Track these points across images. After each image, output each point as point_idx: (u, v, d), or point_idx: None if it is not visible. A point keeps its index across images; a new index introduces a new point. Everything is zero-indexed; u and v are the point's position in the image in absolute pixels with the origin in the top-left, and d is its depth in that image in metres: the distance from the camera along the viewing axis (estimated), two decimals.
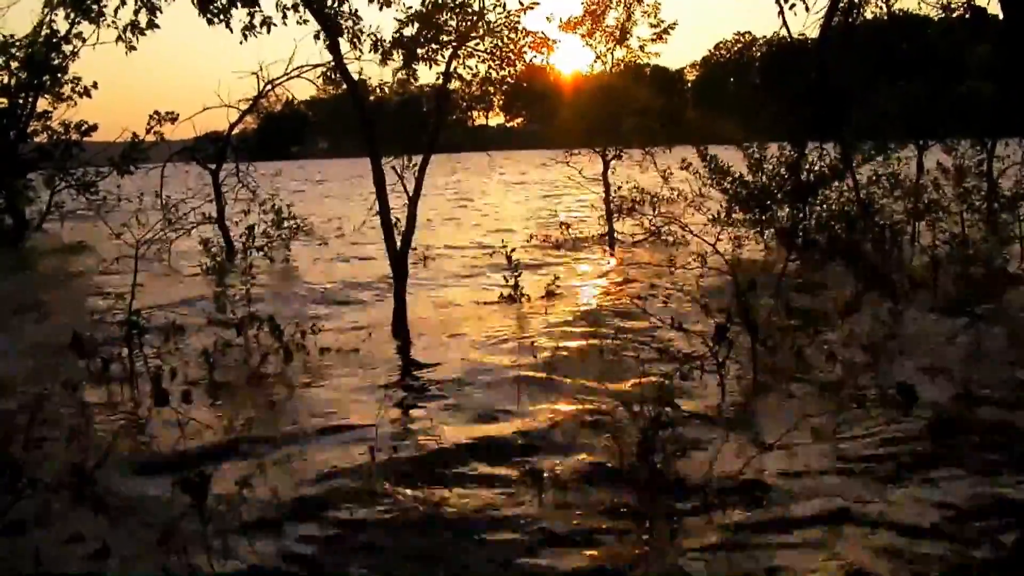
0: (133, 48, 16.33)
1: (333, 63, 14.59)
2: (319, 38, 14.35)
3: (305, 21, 14.90)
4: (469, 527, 6.77)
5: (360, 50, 14.58)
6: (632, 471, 7.56)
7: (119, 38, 16.03)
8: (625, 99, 26.92)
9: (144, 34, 15.64)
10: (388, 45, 14.67)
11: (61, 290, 20.69)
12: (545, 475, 7.70)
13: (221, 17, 14.42)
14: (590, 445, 8.51)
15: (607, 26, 26.36)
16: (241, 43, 14.85)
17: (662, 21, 26.37)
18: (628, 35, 26.54)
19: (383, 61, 14.88)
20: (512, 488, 7.51)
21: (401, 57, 14.73)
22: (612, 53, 26.86)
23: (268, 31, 14.63)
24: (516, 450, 8.46)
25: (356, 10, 14.45)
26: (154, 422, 9.67)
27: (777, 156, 20.29)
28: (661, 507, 6.98)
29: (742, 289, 11.52)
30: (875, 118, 22.76)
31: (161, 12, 15.26)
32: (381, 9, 14.59)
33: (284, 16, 14.58)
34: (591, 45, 26.77)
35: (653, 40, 26.77)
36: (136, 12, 15.19)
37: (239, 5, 14.33)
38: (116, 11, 15.93)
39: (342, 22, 14.32)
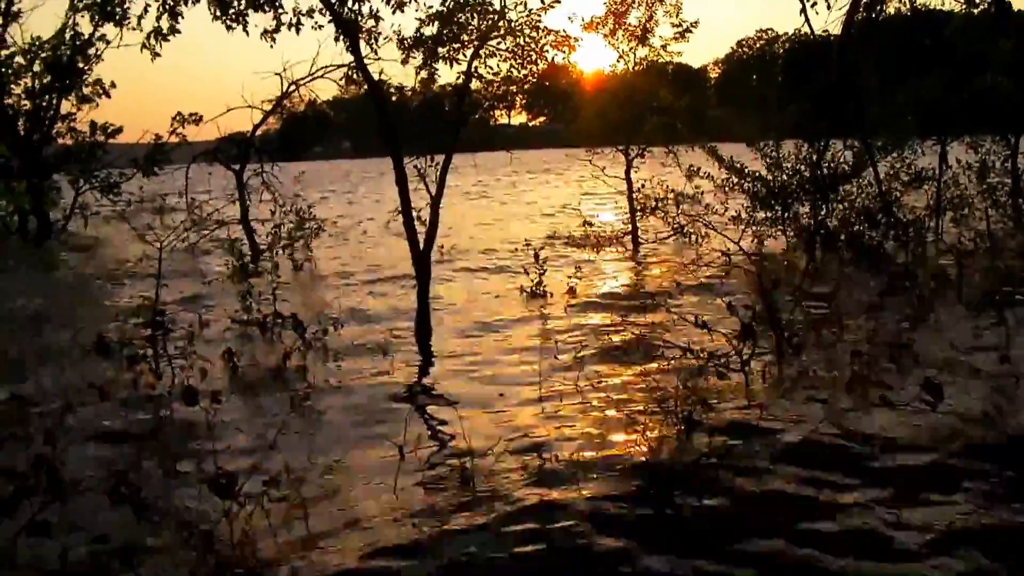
0: (158, 55, 16.41)
1: (355, 64, 14.62)
2: (339, 40, 14.39)
3: (320, 27, 14.97)
4: (495, 526, 6.76)
5: (375, 51, 14.59)
6: (660, 470, 7.54)
7: (144, 46, 16.08)
8: (647, 98, 26.87)
9: (167, 40, 15.71)
10: (409, 44, 14.71)
11: (86, 291, 20.82)
12: (576, 474, 7.69)
13: (238, 22, 14.50)
14: (620, 444, 8.49)
15: (629, 25, 26.32)
16: (271, 46, 14.94)
17: (684, 20, 26.33)
18: (650, 34, 26.49)
19: (404, 60, 14.93)
20: (540, 487, 7.50)
21: (422, 56, 14.76)
22: (634, 52, 26.83)
23: (297, 32, 14.70)
24: (542, 450, 8.44)
25: (376, 10, 14.48)
26: (182, 422, 9.72)
27: (795, 153, 20.26)
28: (688, 505, 6.96)
29: (767, 287, 11.50)
30: (897, 114, 22.64)
31: (183, 17, 15.33)
32: (394, 12, 14.64)
33: (299, 22, 14.63)
34: (613, 44, 26.74)
35: (675, 39, 26.74)
36: (158, 18, 15.27)
37: (254, 10, 14.40)
38: (140, 20, 15.95)
39: (361, 23, 14.35)
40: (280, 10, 14.48)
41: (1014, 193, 25.07)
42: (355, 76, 17.37)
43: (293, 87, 26.11)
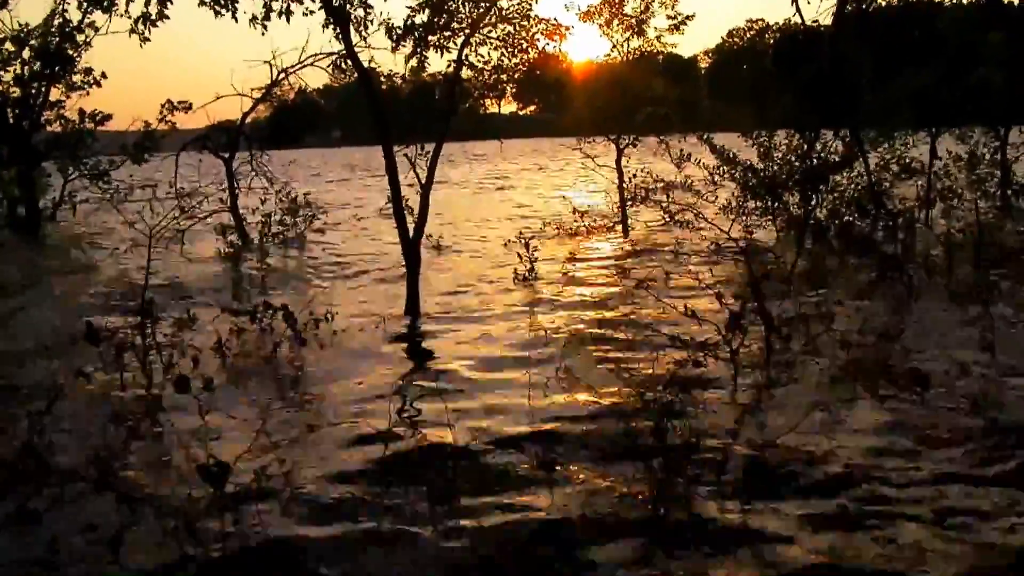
0: (147, 39, 16.34)
1: (345, 52, 14.59)
2: (328, 27, 14.34)
3: (311, 12, 14.91)
4: (482, 518, 6.77)
5: (365, 40, 14.56)
6: (646, 459, 7.55)
7: (132, 30, 16.05)
8: (639, 87, 26.84)
9: (156, 25, 15.67)
10: (399, 32, 14.67)
11: (75, 279, 20.75)
12: (557, 463, 7.71)
13: (227, 8, 14.45)
14: (603, 433, 8.50)
15: (625, 16, 26.27)
16: (265, 32, 14.86)
17: (679, 13, 26.32)
18: (646, 25, 26.47)
19: (394, 48, 14.89)
20: (525, 477, 7.51)
21: (412, 44, 14.73)
22: (629, 43, 26.80)
23: (288, 20, 14.63)
24: (528, 438, 8.46)
25: None
26: (171, 411, 9.69)
27: (787, 143, 20.24)
28: (675, 495, 6.97)
29: (756, 277, 11.51)
30: (887, 105, 22.66)
31: (172, 3, 15.28)
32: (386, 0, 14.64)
33: (289, 9, 14.56)
34: (608, 34, 26.71)
35: (670, 31, 26.72)
36: (147, 4, 15.23)
37: None
38: (128, 4, 15.98)
39: (351, 10, 14.30)
40: None
41: (1003, 184, 25.16)
42: (343, 64, 17.32)
43: (283, 75, 26.03)
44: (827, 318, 11.93)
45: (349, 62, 14.85)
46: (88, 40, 30.64)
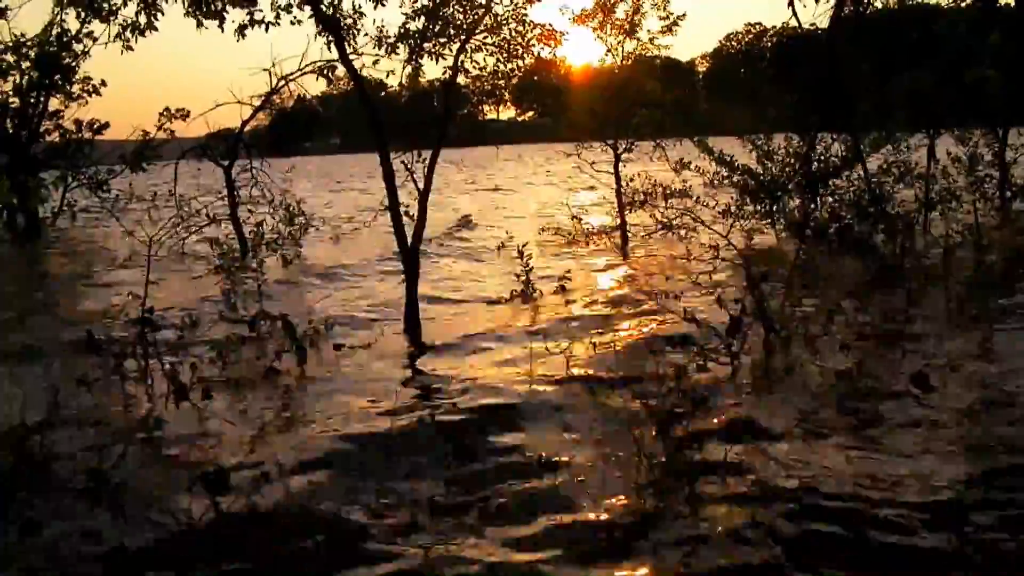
0: (130, 48, 16.41)
1: (340, 59, 14.60)
2: (321, 35, 14.37)
3: (299, 21, 14.95)
4: (483, 523, 6.77)
5: (355, 47, 14.58)
6: (648, 462, 7.56)
7: (118, 35, 16.11)
8: (636, 92, 26.82)
9: (144, 35, 15.70)
10: (393, 40, 14.69)
11: (74, 288, 20.75)
12: (560, 467, 7.71)
13: (216, 18, 14.49)
14: (606, 436, 8.50)
15: (617, 19, 26.29)
16: (238, 41, 14.91)
17: (671, 13, 26.30)
18: (638, 27, 26.47)
19: (377, 61, 14.91)
20: (528, 480, 7.51)
21: (406, 51, 14.74)
22: (623, 46, 26.80)
23: (267, 30, 14.66)
24: (531, 443, 8.46)
25: (359, 6, 14.47)
26: (171, 419, 9.69)
27: (785, 147, 20.28)
28: (677, 498, 6.97)
29: (755, 281, 11.52)
30: (885, 107, 22.66)
31: (163, 14, 15.31)
32: (376, 7, 14.65)
33: (277, 17, 14.58)
34: (602, 38, 26.72)
35: (662, 32, 26.72)
36: (137, 13, 15.27)
37: (233, 6, 14.41)
38: (116, 12, 16.03)
39: (342, 19, 14.31)
40: (256, 7, 14.47)
41: (1002, 186, 25.14)
42: (329, 74, 17.32)
43: (282, 82, 25.97)
44: (827, 321, 11.95)
45: (341, 70, 14.86)
46: (86, 50, 30.70)
